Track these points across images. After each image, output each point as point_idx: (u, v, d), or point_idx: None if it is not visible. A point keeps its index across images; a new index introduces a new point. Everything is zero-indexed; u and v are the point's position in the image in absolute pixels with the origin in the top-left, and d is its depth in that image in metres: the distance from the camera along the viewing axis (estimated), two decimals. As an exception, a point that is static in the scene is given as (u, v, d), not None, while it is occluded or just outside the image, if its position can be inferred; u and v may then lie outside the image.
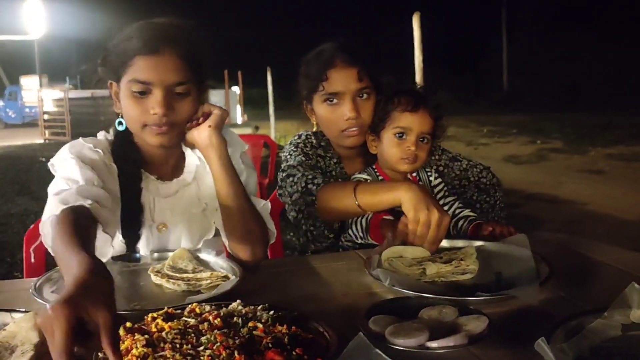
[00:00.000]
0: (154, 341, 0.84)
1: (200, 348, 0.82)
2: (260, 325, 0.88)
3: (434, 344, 0.88)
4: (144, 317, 0.91)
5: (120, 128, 1.41)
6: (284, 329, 0.87)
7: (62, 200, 1.18)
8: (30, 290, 1.15)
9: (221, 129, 1.40)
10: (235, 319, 0.92)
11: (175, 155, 1.49)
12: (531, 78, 27.01)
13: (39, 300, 1.10)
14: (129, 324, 0.88)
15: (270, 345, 0.82)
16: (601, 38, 24.80)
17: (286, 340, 0.84)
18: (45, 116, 17.95)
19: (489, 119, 17.80)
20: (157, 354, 0.81)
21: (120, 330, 0.83)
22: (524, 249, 1.31)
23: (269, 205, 1.46)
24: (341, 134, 1.71)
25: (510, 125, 15.59)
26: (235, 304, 0.98)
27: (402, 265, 1.30)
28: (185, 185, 1.49)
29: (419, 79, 4.41)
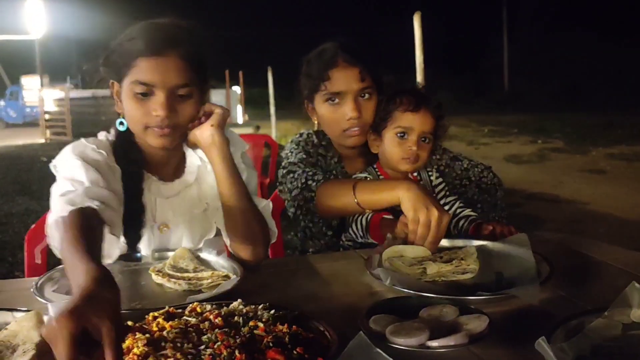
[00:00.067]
0: (155, 340, 0.84)
1: (201, 347, 0.82)
2: (261, 325, 0.88)
3: (434, 343, 0.89)
4: (145, 317, 0.92)
5: (122, 128, 1.40)
6: (284, 328, 0.87)
7: (69, 201, 1.17)
8: (31, 290, 1.15)
9: (223, 128, 1.40)
10: (236, 318, 0.92)
11: (176, 155, 1.49)
12: (532, 78, 27.00)
13: (40, 300, 1.10)
14: (130, 323, 0.89)
15: (271, 344, 0.82)
16: (601, 38, 24.80)
17: (287, 339, 0.84)
18: (46, 116, 17.98)
19: (490, 118, 17.79)
20: (158, 353, 0.81)
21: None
22: (525, 248, 1.31)
23: (270, 205, 1.46)
24: (343, 134, 1.71)
25: (511, 125, 15.60)
26: (236, 303, 0.98)
27: (403, 264, 1.30)
28: (187, 186, 1.49)
29: (420, 79, 4.41)
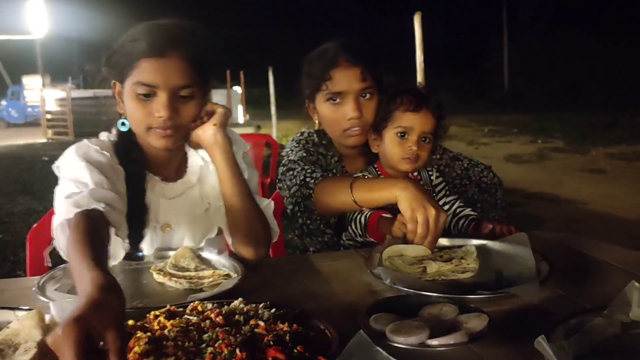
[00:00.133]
0: (156, 339, 0.84)
1: (202, 345, 0.83)
2: (261, 323, 0.88)
3: (434, 342, 0.89)
4: (146, 315, 0.92)
5: (123, 129, 1.40)
6: (285, 327, 0.87)
7: (75, 203, 1.16)
8: (33, 289, 1.15)
9: (225, 127, 1.40)
10: (237, 317, 0.92)
11: (178, 156, 1.49)
12: (532, 78, 27.00)
13: (42, 299, 1.11)
14: (132, 322, 0.89)
15: (271, 342, 0.82)
16: (601, 38, 24.80)
17: (287, 337, 0.84)
18: (48, 115, 18.02)
19: (490, 118, 17.79)
20: (160, 352, 0.81)
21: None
22: (524, 247, 1.31)
23: (272, 205, 1.47)
24: (343, 133, 1.72)
25: (511, 124, 15.60)
26: (237, 302, 0.98)
27: (403, 263, 1.30)
28: (189, 186, 1.49)
29: (420, 79, 4.41)
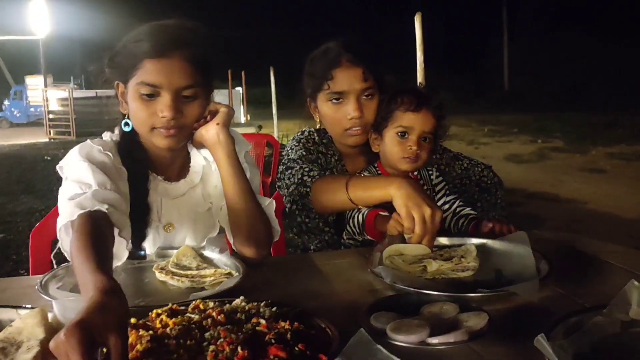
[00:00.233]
0: (158, 337, 0.84)
1: (204, 344, 0.83)
2: (263, 322, 0.89)
3: (434, 340, 0.89)
4: (148, 313, 0.92)
5: (127, 129, 1.40)
6: (286, 325, 0.88)
7: (79, 204, 1.16)
8: (36, 287, 1.16)
9: (228, 127, 1.41)
10: (239, 315, 0.93)
11: (181, 156, 1.49)
12: (532, 77, 27.00)
13: (44, 297, 1.11)
14: (134, 320, 0.89)
15: (273, 340, 0.83)
16: (601, 38, 24.78)
17: (289, 336, 0.85)
18: (50, 115, 18.07)
19: (490, 118, 17.79)
20: (162, 350, 0.82)
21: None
22: (524, 246, 1.31)
23: (273, 204, 1.47)
24: (344, 133, 1.72)
25: (511, 124, 15.60)
26: (239, 301, 0.99)
27: (403, 262, 1.30)
28: (192, 186, 1.49)
29: (420, 79, 4.41)
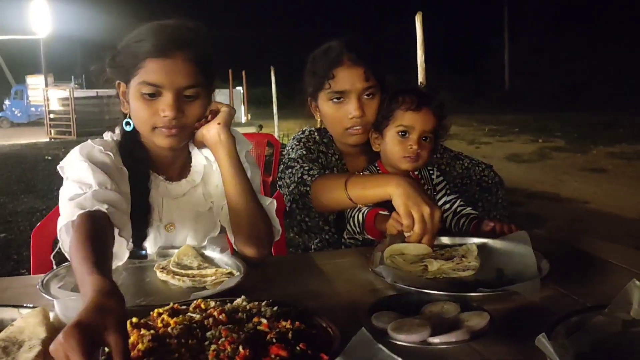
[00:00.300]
0: (159, 336, 0.84)
1: (206, 343, 0.83)
2: (264, 321, 0.89)
3: (435, 340, 0.89)
4: (149, 313, 0.92)
5: (128, 128, 1.40)
6: (287, 324, 0.88)
7: (79, 205, 1.16)
8: (37, 287, 1.16)
9: (229, 126, 1.41)
10: (240, 315, 0.92)
11: (182, 155, 1.50)
12: (532, 77, 26.99)
13: (46, 296, 1.11)
14: (135, 320, 0.89)
15: (274, 340, 0.83)
16: (601, 38, 24.77)
17: (290, 335, 0.85)
18: (51, 115, 18.09)
19: (491, 118, 17.79)
20: (163, 349, 0.82)
21: (127, 325, 0.84)
22: (525, 245, 1.31)
23: (274, 203, 1.47)
24: (345, 132, 1.72)
25: (512, 124, 15.59)
26: (240, 300, 0.99)
27: (404, 262, 1.31)
28: (193, 185, 1.49)
29: (421, 79, 4.41)
